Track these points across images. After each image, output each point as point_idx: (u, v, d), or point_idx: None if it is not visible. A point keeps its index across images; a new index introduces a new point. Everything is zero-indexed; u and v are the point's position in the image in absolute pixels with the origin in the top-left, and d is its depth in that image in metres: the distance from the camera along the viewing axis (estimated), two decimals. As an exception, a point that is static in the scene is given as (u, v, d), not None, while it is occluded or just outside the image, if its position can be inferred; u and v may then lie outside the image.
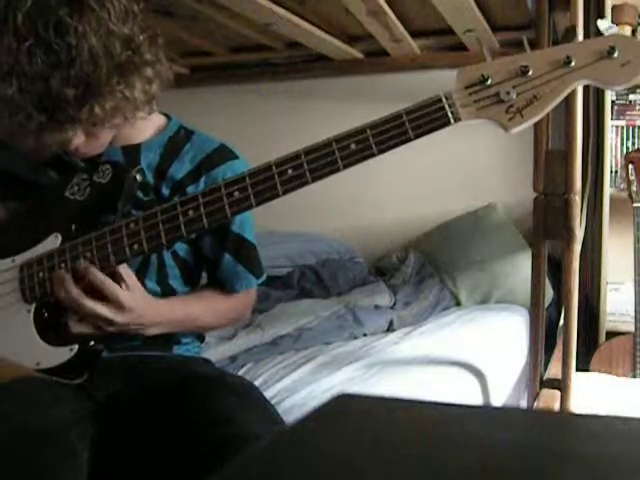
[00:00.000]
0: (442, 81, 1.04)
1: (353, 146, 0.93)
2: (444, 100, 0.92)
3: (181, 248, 1.19)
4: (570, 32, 1.48)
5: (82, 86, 0.94)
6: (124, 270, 1.03)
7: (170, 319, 1.11)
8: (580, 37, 1.50)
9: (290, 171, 0.95)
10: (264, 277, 1.26)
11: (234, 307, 1.24)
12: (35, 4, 0.92)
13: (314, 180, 0.95)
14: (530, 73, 0.91)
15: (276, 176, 0.95)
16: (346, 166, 0.94)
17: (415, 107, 0.93)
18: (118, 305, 1.00)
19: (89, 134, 1.05)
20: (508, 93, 0.91)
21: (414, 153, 2.78)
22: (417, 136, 0.93)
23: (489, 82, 0.92)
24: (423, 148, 2.74)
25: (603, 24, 1.15)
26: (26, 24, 0.92)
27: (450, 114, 0.92)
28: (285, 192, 0.95)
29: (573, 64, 0.90)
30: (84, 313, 1.01)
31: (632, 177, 2.20)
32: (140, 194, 1.14)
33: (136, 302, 1.02)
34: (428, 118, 0.92)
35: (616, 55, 0.89)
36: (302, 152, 0.95)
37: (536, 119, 0.92)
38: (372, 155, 0.93)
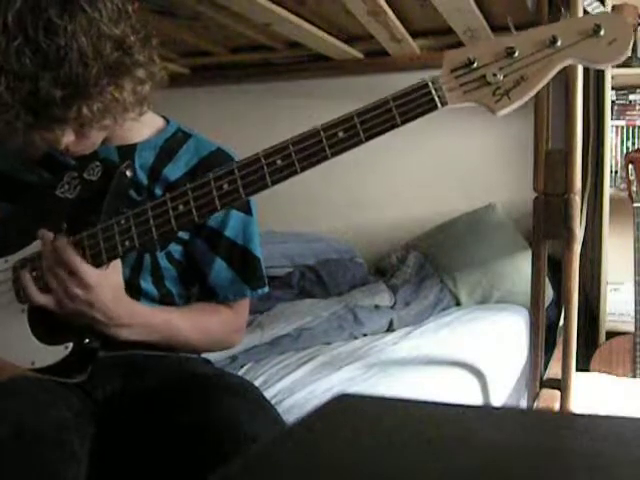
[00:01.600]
0: (442, 81, 1.03)
1: (341, 134, 0.93)
2: (430, 85, 0.92)
3: (176, 250, 1.18)
4: (555, 11, 1.46)
5: (70, 87, 0.94)
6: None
7: (147, 323, 1.08)
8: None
9: (279, 162, 0.94)
10: (263, 291, 1.23)
11: (221, 324, 1.20)
12: (25, 3, 0.92)
13: (303, 170, 0.95)
14: (516, 54, 0.90)
15: (265, 167, 0.95)
16: (334, 154, 0.93)
17: (402, 92, 0.93)
18: (77, 274, 0.98)
19: (79, 134, 1.04)
20: (495, 75, 0.90)
21: (414, 153, 2.80)
22: (404, 122, 0.92)
23: (475, 65, 0.91)
24: (423, 148, 2.74)
25: (589, 3, 1.14)
26: (15, 23, 0.92)
27: (437, 98, 0.91)
28: (274, 183, 0.95)
29: (559, 44, 0.89)
30: (51, 264, 1.00)
31: (632, 177, 2.21)
32: (133, 194, 1.13)
33: (101, 285, 0.99)
34: (415, 103, 0.92)
35: (602, 33, 0.88)
36: (290, 142, 0.95)
37: (523, 100, 0.92)
38: (360, 142, 0.93)
